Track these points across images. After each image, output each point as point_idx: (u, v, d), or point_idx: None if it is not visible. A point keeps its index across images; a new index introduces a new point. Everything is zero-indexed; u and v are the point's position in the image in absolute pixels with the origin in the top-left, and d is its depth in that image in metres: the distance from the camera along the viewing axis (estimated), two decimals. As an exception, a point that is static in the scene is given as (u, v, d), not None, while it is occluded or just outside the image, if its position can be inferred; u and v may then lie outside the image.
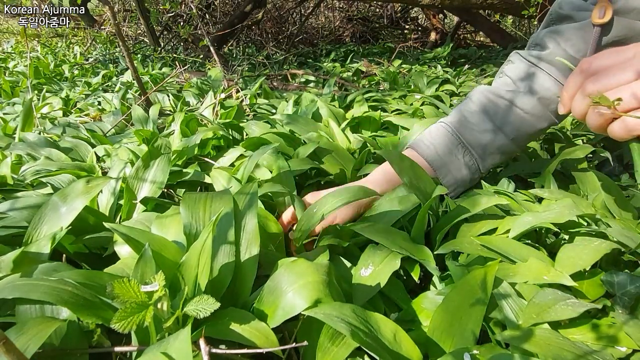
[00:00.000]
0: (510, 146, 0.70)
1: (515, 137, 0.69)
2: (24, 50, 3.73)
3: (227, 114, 1.19)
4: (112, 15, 1.23)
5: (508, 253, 0.50)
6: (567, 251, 0.49)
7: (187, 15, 3.42)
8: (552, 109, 0.68)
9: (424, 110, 1.25)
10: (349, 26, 5.09)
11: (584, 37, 0.64)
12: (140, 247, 0.44)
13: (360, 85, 1.95)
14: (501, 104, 0.69)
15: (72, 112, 1.49)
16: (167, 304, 0.36)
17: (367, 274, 0.51)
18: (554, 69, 0.67)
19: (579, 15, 0.65)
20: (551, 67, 0.67)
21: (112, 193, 0.69)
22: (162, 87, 1.77)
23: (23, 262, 0.48)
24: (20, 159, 0.93)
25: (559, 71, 0.67)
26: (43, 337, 0.35)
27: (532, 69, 0.69)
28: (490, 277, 0.43)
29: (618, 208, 0.59)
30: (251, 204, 0.51)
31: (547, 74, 0.67)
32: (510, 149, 0.71)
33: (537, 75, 0.68)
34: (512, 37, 3.65)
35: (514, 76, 0.70)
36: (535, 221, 0.52)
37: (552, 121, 0.69)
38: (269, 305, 0.43)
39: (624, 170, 0.81)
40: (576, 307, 0.41)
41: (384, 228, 0.56)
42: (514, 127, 0.69)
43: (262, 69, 2.52)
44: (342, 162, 0.83)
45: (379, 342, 0.38)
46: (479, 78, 1.99)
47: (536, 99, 0.67)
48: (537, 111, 0.68)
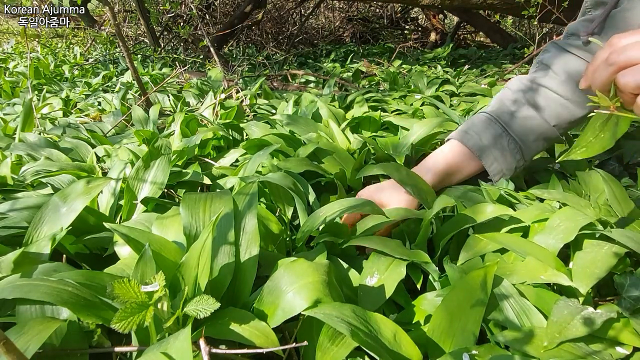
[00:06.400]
0: (553, 132, 0.71)
1: (557, 124, 0.70)
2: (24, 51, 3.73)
3: (227, 115, 1.19)
4: (112, 16, 1.23)
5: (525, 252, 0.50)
6: (580, 261, 0.48)
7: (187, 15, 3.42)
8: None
9: (424, 110, 1.25)
10: (349, 26, 5.09)
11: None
12: (140, 247, 0.44)
13: (360, 85, 1.95)
14: (541, 92, 0.70)
15: (72, 113, 1.49)
16: (167, 304, 0.36)
17: (373, 283, 0.50)
18: (592, 56, 0.67)
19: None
20: (589, 55, 0.67)
21: (113, 193, 0.69)
22: (162, 87, 1.77)
23: (23, 263, 0.49)
24: (21, 159, 0.93)
25: None
26: (43, 338, 0.35)
27: (570, 56, 0.69)
28: (489, 278, 0.43)
29: (622, 208, 0.58)
30: (251, 204, 0.51)
31: (586, 61, 0.68)
32: (553, 135, 0.72)
33: (576, 63, 0.68)
34: (512, 37, 3.65)
35: (552, 64, 0.71)
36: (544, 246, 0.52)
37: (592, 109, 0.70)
38: (269, 306, 0.43)
39: (624, 170, 0.81)
40: (593, 319, 0.41)
41: (378, 238, 0.56)
42: (555, 113, 0.70)
43: (262, 69, 2.52)
44: (342, 163, 0.83)
45: (378, 342, 0.38)
46: (479, 78, 1.99)
47: (576, 86, 0.67)
48: (577, 97, 0.68)
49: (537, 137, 0.71)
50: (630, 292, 0.44)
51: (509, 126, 0.71)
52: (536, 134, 0.71)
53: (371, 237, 0.57)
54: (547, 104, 0.70)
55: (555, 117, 0.70)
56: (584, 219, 0.52)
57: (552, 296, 0.46)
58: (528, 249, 0.51)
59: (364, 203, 0.57)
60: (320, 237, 0.57)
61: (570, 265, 0.49)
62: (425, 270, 0.54)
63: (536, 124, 0.70)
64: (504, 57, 3.03)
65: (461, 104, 1.44)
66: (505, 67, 2.34)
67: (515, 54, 3.09)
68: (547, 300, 0.46)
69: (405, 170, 0.67)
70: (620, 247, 0.48)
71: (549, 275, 0.47)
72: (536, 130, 0.71)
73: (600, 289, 0.51)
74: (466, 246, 0.56)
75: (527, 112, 0.70)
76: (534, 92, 0.71)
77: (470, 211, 0.59)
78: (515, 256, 0.54)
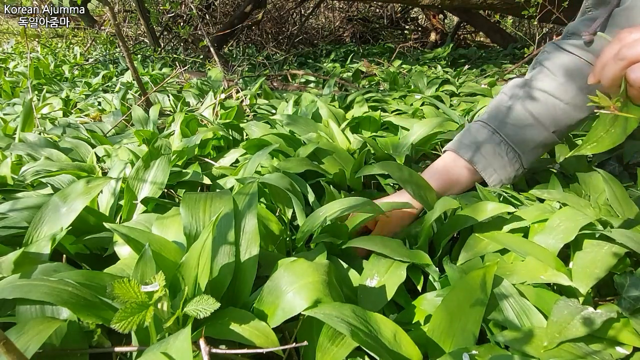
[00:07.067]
0: (552, 139, 0.69)
1: (556, 130, 0.68)
2: (24, 51, 3.73)
3: (227, 115, 1.19)
4: (112, 16, 1.23)
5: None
6: (580, 261, 0.48)
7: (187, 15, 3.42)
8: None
9: (424, 110, 1.25)
10: (349, 26, 5.09)
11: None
12: (140, 247, 0.44)
13: (360, 85, 1.95)
14: (539, 97, 0.68)
15: (72, 113, 1.49)
16: (167, 304, 0.36)
17: (373, 285, 0.50)
18: (592, 56, 0.65)
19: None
20: (589, 55, 0.65)
21: (113, 193, 0.69)
22: (162, 87, 1.77)
23: (23, 263, 0.49)
24: (21, 159, 0.93)
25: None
26: (43, 338, 0.35)
27: (570, 57, 0.67)
28: (489, 278, 0.43)
29: (622, 208, 0.58)
30: (251, 204, 0.51)
31: (586, 62, 0.65)
32: (552, 142, 0.70)
33: (576, 64, 0.66)
34: (512, 37, 3.65)
35: (551, 66, 0.68)
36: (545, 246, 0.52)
37: (592, 111, 0.68)
38: (269, 306, 0.43)
39: (624, 170, 0.81)
40: (593, 319, 0.41)
41: (379, 238, 0.56)
42: (553, 119, 0.67)
43: (262, 69, 2.52)
44: (342, 163, 0.83)
45: (379, 342, 0.38)
46: (479, 78, 1.99)
47: (576, 88, 0.65)
48: (578, 100, 0.66)
49: (537, 145, 0.69)
50: (630, 292, 0.44)
51: (507, 135, 0.69)
52: (535, 142, 0.69)
53: (372, 238, 0.56)
54: (546, 110, 0.67)
55: (554, 123, 0.68)
56: (584, 219, 0.52)
57: (552, 296, 0.46)
58: (528, 249, 0.51)
59: (364, 203, 0.57)
60: (320, 237, 0.57)
61: (570, 265, 0.49)
62: (426, 270, 0.54)
63: (535, 132, 0.68)
64: (504, 57, 3.03)
65: (461, 104, 1.44)
66: (505, 67, 2.34)
67: (515, 54, 3.09)
68: (547, 300, 0.46)
69: (407, 170, 0.66)
70: (620, 247, 0.48)
71: (549, 275, 0.47)
72: (535, 139, 0.68)
73: (600, 289, 0.51)
74: (466, 246, 0.56)
75: (525, 120, 0.68)
76: (532, 98, 0.68)
77: (470, 210, 0.59)
78: (515, 256, 0.54)
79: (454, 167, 0.71)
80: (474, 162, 0.69)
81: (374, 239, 0.56)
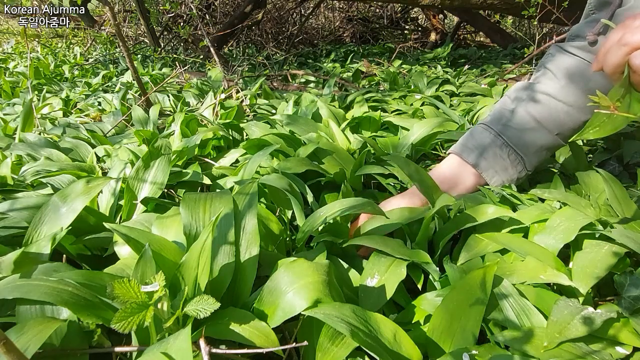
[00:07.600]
0: (556, 141, 0.69)
1: (560, 133, 0.68)
2: (24, 51, 3.73)
3: (227, 115, 1.19)
4: (112, 16, 1.23)
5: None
6: (580, 261, 0.48)
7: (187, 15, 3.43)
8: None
9: (424, 110, 1.25)
10: (349, 26, 5.09)
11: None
12: (140, 247, 0.44)
13: (360, 85, 1.95)
14: (542, 100, 0.68)
15: (72, 113, 1.49)
16: (167, 304, 0.36)
17: (373, 284, 0.50)
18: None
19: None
20: (592, 57, 0.65)
21: (112, 193, 0.69)
22: (162, 87, 1.77)
23: (23, 263, 0.49)
24: (21, 159, 0.93)
25: None
26: (43, 338, 0.35)
27: (573, 59, 0.67)
28: (489, 278, 0.43)
29: (622, 208, 0.58)
30: (251, 204, 0.51)
31: (590, 63, 0.65)
32: (556, 144, 0.70)
33: (579, 66, 0.66)
34: (512, 37, 3.65)
35: (555, 69, 0.68)
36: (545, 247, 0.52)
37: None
38: (269, 306, 0.43)
39: (624, 170, 0.81)
40: (593, 318, 0.41)
41: (380, 237, 0.56)
42: (557, 122, 0.67)
43: (262, 70, 2.52)
44: (342, 163, 0.83)
45: (379, 342, 0.38)
46: (479, 78, 1.99)
47: (580, 90, 0.66)
48: (581, 103, 0.66)
49: (539, 148, 0.69)
50: (630, 292, 0.44)
51: (509, 138, 0.69)
52: (538, 145, 0.69)
53: (372, 237, 0.56)
54: (548, 112, 0.67)
55: (557, 126, 0.68)
56: (584, 219, 0.52)
57: (552, 296, 0.46)
58: (528, 249, 0.51)
59: (364, 203, 0.57)
60: (320, 237, 0.57)
61: (570, 265, 0.49)
62: (426, 270, 0.54)
63: (537, 135, 0.68)
64: (504, 57, 3.03)
65: (461, 104, 1.44)
66: (505, 67, 2.34)
67: (515, 54, 3.09)
68: (547, 300, 0.46)
69: (413, 166, 0.66)
70: (620, 247, 0.48)
71: (549, 275, 0.47)
72: (537, 142, 0.68)
73: (600, 288, 0.51)
74: (466, 246, 0.56)
75: (527, 123, 0.68)
76: (534, 101, 0.68)
77: (471, 211, 0.59)
78: (515, 256, 0.54)
79: (457, 170, 0.72)
80: (476, 165, 0.69)
81: (374, 237, 0.56)
